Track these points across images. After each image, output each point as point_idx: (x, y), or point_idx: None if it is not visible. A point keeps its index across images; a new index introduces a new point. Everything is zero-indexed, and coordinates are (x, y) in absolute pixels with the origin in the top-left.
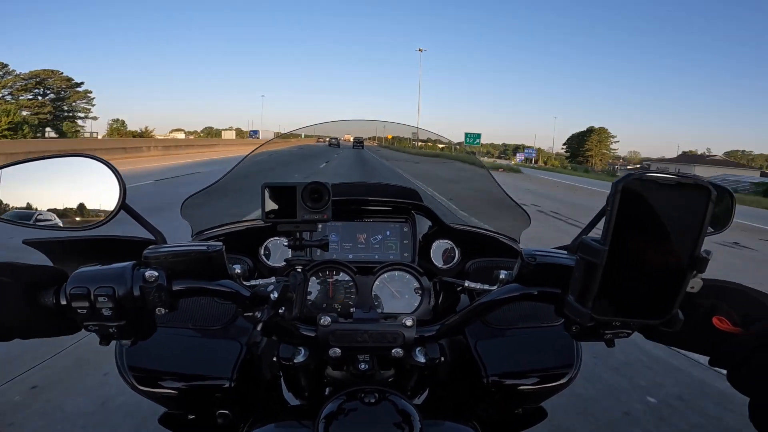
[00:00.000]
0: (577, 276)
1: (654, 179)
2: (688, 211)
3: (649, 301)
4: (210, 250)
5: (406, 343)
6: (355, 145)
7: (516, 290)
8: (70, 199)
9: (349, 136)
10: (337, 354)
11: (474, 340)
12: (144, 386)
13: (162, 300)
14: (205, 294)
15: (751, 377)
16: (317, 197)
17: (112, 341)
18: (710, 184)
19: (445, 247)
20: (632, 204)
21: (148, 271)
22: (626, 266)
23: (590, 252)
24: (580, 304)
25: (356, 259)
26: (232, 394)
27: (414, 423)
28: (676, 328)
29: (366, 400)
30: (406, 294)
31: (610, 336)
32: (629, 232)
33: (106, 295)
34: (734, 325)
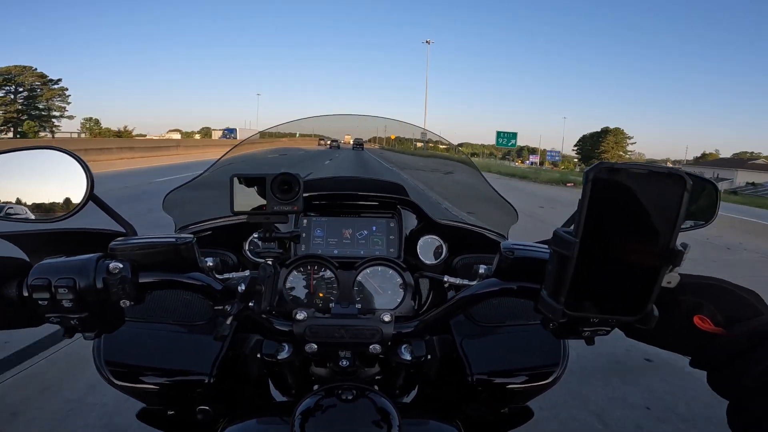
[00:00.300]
0: (550, 269)
1: (626, 168)
2: (662, 202)
3: (623, 297)
4: (179, 242)
5: (384, 340)
6: (354, 146)
7: (495, 285)
8: (40, 191)
9: (350, 137)
10: (314, 349)
11: (460, 337)
12: (121, 381)
13: (126, 292)
14: (175, 287)
15: (731, 380)
16: (287, 188)
17: (77, 334)
18: (686, 174)
19: (433, 242)
20: (604, 194)
21: (112, 263)
22: (599, 259)
23: (562, 244)
24: (553, 299)
25: (341, 255)
26: (213, 390)
27: (392, 421)
28: (650, 326)
29: (343, 396)
30: (389, 290)
31: (589, 333)
32: (602, 223)
33: (66, 287)
34: (716, 325)
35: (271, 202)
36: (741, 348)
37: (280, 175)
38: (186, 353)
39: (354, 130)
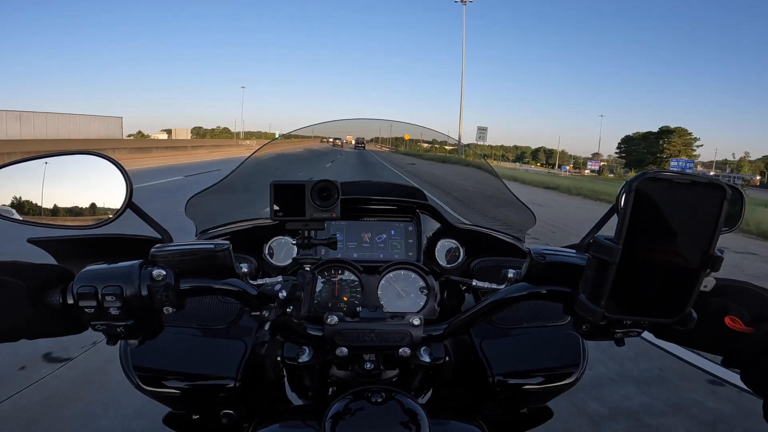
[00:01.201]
0: (589, 274)
1: (669, 178)
2: (702, 210)
3: (662, 300)
4: (217, 248)
5: (413, 343)
6: (356, 146)
7: (525, 289)
8: (76, 197)
9: (351, 138)
10: (344, 353)
11: (479, 339)
12: (148, 386)
13: (170, 299)
14: (213, 293)
15: (764, 377)
16: (326, 195)
17: (119, 341)
18: (726, 184)
19: (450, 246)
20: (646, 203)
21: (156, 270)
22: (639, 265)
23: (603, 250)
24: (593, 302)
25: (361, 258)
26: (237, 394)
27: (421, 422)
28: (689, 327)
29: (373, 399)
30: (412, 293)
31: (621, 335)
32: (643, 230)
33: (114, 294)
34: (746, 325)
35: (310, 209)
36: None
37: (320, 182)
38: (210, 357)
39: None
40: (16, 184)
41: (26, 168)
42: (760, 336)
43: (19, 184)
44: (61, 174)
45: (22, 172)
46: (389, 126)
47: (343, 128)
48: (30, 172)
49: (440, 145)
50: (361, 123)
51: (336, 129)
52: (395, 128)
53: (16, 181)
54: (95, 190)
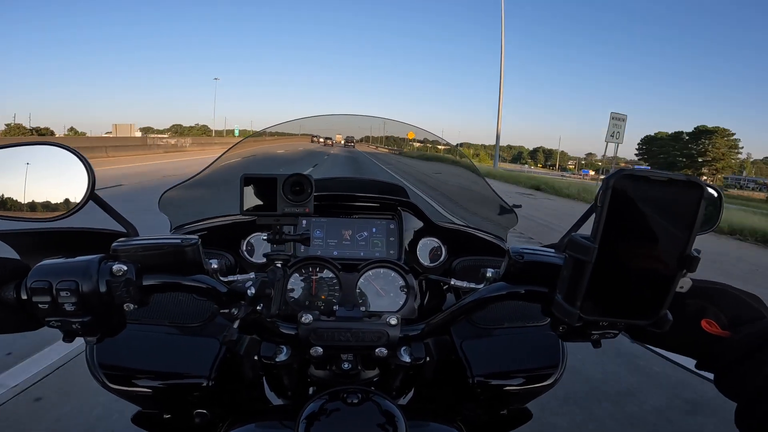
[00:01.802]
0: (565, 274)
1: (646, 176)
2: (679, 209)
3: (638, 301)
4: (184, 243)
5: (390, 343)
6: (346, 144)
7: (503, 289)
8: (37, 189)
9: (341, 137)
10: (319, 353)
11: (460, 339)
12: (116, 384)
13: (130, 295)
14: (179, 289)
15: (738, 382)
16: (299, 190)
17: (77, 338)
18: (702, 183)
19: (432, 245)
20: (623, 201)
21: (116, 265)
22: (616, 265)
23: (579, 250)
24: (568, 303)
25: (341, 256)
26: (211, 393)
27: (398, 424)
28: (664, 329)
29: (349, 400)
30: (392, 292)
31: (597, 336)
32: (619, 229)
33: (68, 290)
34: (723, 329)
35: (282, 204)
36: (747, 350)
37: (292, 175)
38: (182, 356)
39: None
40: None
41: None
42: (737, 340)
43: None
44: (21, 165)
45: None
46: (380, 124)
47: (328, 126)
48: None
49: (432, 144)
50: (345, 120)
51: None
52: (383, 127)
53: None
54: (57, 181)
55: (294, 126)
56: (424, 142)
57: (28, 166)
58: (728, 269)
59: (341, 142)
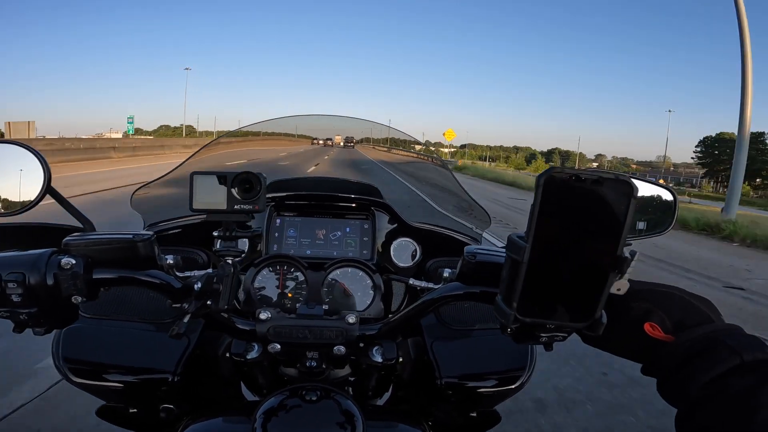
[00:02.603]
0: (504, 274)
1: (576, 174)
2: (611, 209)
3: (574, 303)
4: (137, 238)
5: (348, 341)
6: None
7: (458, 289)
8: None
9: (340, 138)
10: (277, 349)
11: (431, 340)
12: (81, 378)
13: (78, 288)
14: (131, 283)
15: (679, 388)
16: (248, 187)
17: (27, 329)
18: (633, 180)
19: (406, 245)
20: (555, 199)
21: (64, 259)
22: (550, 265)
23: (515, 249)
24: (506, 304)
25: (313, 255)
26: (177, 389)
27: (357, 423)
28: (598, 333)
29: (307, 397)
30: (359, 291)
31: (546, 339)
32: (552, 229)
33: (15, 281)
34: (666, 333)
35: (232, 201)
36: (689, 355)
37: (241, 173)
38: (150, 351)
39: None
40: None
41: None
42: (679, 345)
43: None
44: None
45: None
46: (374, 127)
47: (323, 126)
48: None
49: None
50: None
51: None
52: (378, 130)
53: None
54: (14, 177)
55: (290, 127)
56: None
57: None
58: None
59: (341, 144)
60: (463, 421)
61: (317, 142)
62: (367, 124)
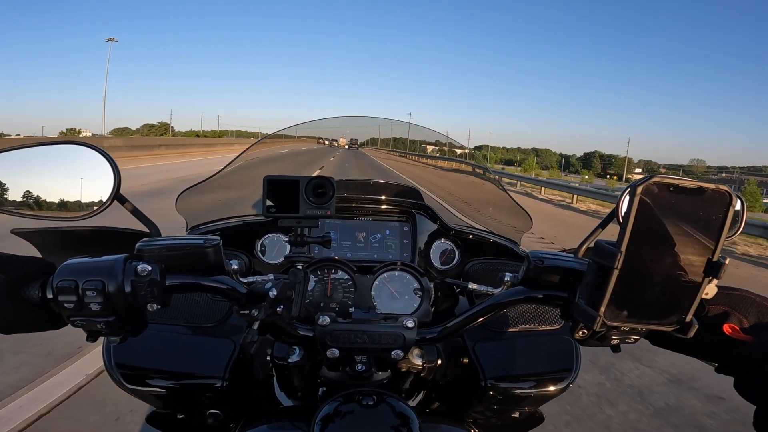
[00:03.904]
0: (588, 279)
1: (674, 183)
2: (706, 217)
3: (662, 307)
4: (207, 244)
5: (406, 345)
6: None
7: (521, 293)
8: (62, 188)
9: (344, 140)
10: (335, 355)
11: (472, 342)
12: (132, 384)
13: (154, 295)
14: (200, 290)
15: (758, 385)
16: (321, 192)
17: (100, 338)
18: (731, 191)
19: (445, 247)
20: (650, 208)
21: (140, 265)
22: (641, 270)
23: (604, 255)
24: (592, 307)
25: (355, 258)
26: (224, 394)
27: (412, 426)
28: (689, 335)
29: (364, 402)
30: (406, 295)
31: (618, 341)
32: (645, 235)
33: (95, 289)
34: (745, 334)
35: (304, 206)
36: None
37: (314, 178)
38: (196, 356)
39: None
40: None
41: (10, 157)
42: (759, 344)
43: (3, 173)
44: (48, 164)
45: (7, 161)
46: (385, 126)
47: (330, 128)
48: (15, 161)
49: (442, 146)
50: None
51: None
52: (385, 129)
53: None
54: (82, 181)
55: (296, 129)
56: (437, 144)
57: (54, 165)
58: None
59: (345, 146)
60: (505, 421)
61: (323, 142)
62: (382, 122)
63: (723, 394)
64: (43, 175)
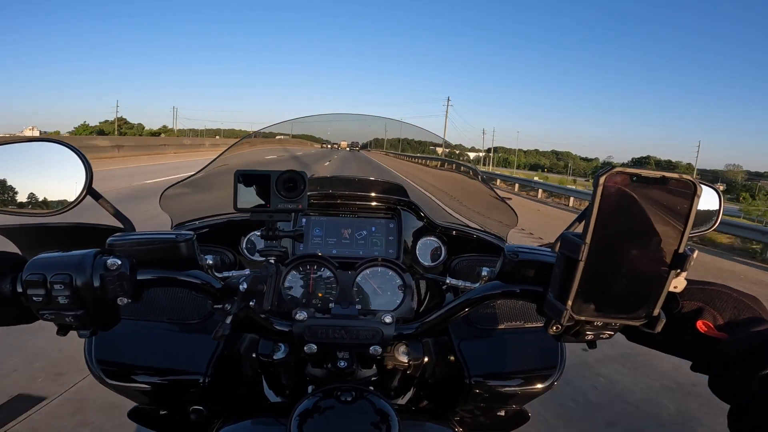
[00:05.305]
0: (557, 272)
1: (637, 173)
2: (672, 208)
3: (630, 301)
4: (179, 239)
5: (384, 341)
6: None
7: (498, 287)
8: (37, 185)
9: (346, 143)
10: (313, 350)
11: (458, 340)
12: (113, 380)
13: (124, 289)
14: (173, 284)
15: (732, 384)
16: (292, 186)
17: (71, 331)
18: (696, 181)
19: (431, 244)
20: (614, 198)
21: (110, 259)
22: (608, 263)
23: (570, 248)
24: (560, 301)
25: (340, 254)
26: (207, 390)
27: (392, 423)
28: (657, 330)
29: (342, 398)
30: (389, 291)
31: (592, 337)
32: (611, 227)
33: (62, 283)
34: (719, 331)
35: (275, 200)
36: (742, 353)
37: (285, 172)
38: (180, 352)
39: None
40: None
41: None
42: (733, 342)
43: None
44: (22, 161)
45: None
46: (387, 127)
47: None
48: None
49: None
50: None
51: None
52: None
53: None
54: (56, 177)
55: (297, 130)
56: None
57: (28, 162)
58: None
59: (347, 148)
60: (491, 420)
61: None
62: (380, 122)
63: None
64: (18, 172)
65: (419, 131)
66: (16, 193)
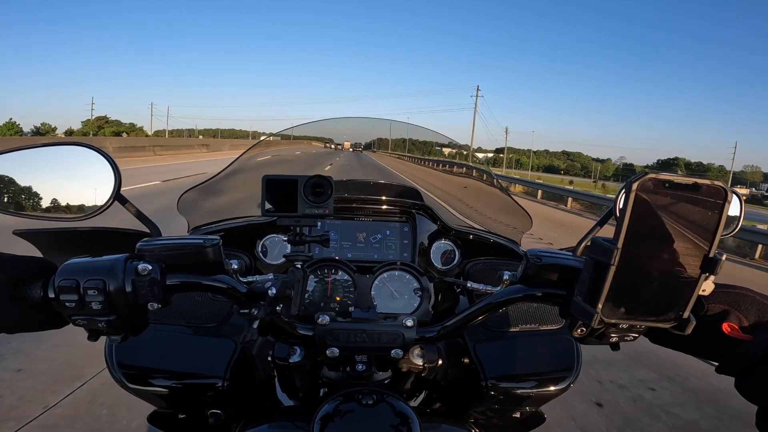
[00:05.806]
0: (586, 276)
1: (670, 179)
2: (702, 213)
3: (660, 304)
4: (207, 243)
5: (405, 344)
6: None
7: (520, 291)
8: (63, 189)
9: (349, 144)
10: (335, 354)
11: (473, 342)
12: (133, 384)
13: (155, 294)
14: (201, 289)
15: (759, 385)
16: (320, 191)
17: (101, 337)
18: (727, 187)
19: (445, 247)
20: (646, 204)
21: (141, 264)
22: (638, 267)
23: (601, 252)
24: (589, 305)
25: (355, 258)
26: (225, 394)
27: (412, 425)
28: (687, 332)
29: (363, 401)
30: (406, 294)
31: (616, 339)
32: (642, 232)
33: (96, 288)
34: (744, 333)
35: (303, 205)
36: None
37: (313, 177)
38: (198, 356)
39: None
40: (1, 174)
41: (11, 159)
42: (758, 344)
43: (5, 175)
44: (48, 165)
45: (8, 162)
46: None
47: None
48: (16, 162)
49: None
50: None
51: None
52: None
53: (1, 171)
54: (83, 181)
55: (303, 131)
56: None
57: (55, 166)
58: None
59: (349, 148)
60: (506, 422)
61: (329, 146)
62: (385, 123)
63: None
64: (44, 176)
65: (425, 132)
66: (43, 198)
